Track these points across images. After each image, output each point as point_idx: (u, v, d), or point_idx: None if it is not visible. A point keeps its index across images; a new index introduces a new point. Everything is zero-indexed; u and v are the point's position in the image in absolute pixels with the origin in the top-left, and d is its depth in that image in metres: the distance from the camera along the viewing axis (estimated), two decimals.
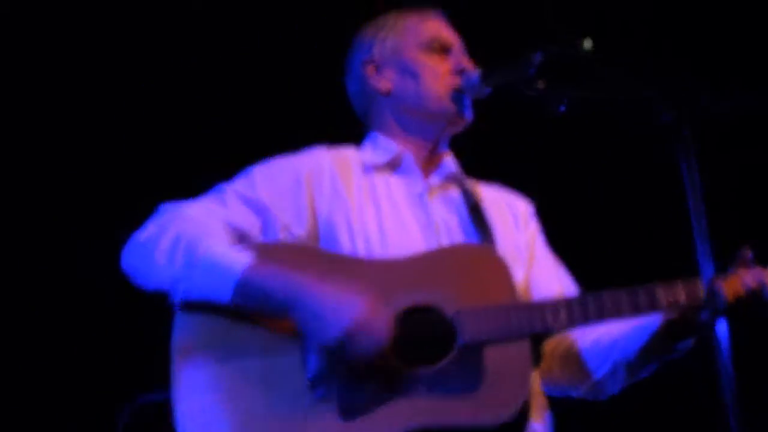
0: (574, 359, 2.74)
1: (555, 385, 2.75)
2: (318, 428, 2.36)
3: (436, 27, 2.86)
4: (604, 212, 4.36)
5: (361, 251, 2.59)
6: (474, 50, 2.87)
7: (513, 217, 2.86)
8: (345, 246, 2.59)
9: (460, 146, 2.91)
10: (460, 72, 2.76)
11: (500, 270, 2.51)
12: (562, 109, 2.47)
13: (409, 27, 2.86)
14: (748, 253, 2.50)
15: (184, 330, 2.47)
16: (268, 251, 2.50)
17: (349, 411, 2.36)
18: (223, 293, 2.41)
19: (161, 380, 2.47)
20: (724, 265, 2.48)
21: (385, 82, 2.83)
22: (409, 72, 2.80)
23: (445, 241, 2.67)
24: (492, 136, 3.57)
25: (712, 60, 4.33)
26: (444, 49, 2.82)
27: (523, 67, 2.54)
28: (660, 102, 2.34)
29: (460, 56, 2.82)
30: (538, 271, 2.81)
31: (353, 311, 2.32)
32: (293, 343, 2.41)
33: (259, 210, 2.60)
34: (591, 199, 4.37)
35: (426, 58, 2.80)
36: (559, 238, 2.93)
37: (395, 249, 2.58)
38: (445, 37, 2.84)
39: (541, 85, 2.52)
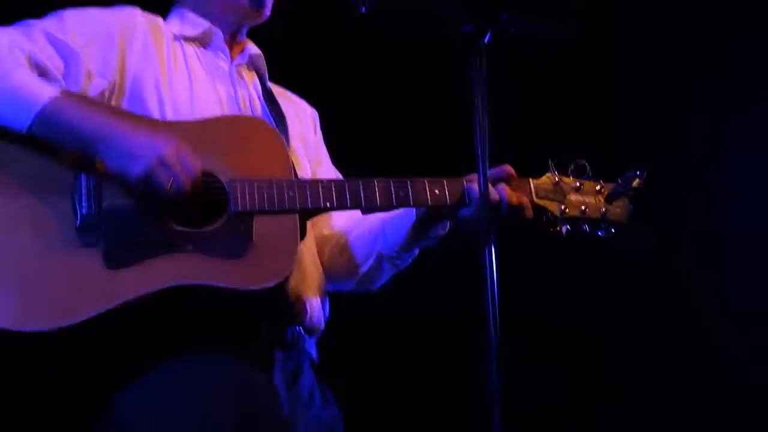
0: (345, 251, 2.82)
1: (328, 278, 2.80)
2: (81, 274, 2.30)
3: None
4: (387, 118, 4.42)
5: (169, 115, 2.56)
6: None
7: (304, 117, 2.93)
8: (152, 108, 2.55)
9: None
10: None
11: (279, 147, 2.56)
12: (363, 10, 2.44)
13: None
14: (511, 170, 2.65)
15: None
16: (73, 94, 2.45)
17: (114, 260, 2.32)
18: (22, 119, 2.33)
19: None
20: None
21: None
22: None
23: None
24: (290, 34, 3.53)
25: None
26: None
27: None
28: (461, 12, 2.37)
29: None
30: (324, 173, 2.88)
31: (166, 145, 2.34)
32: (65, 187, 2.36)
33: (65, 53, 2.51)
34: (376, 105, 4.41)
35: None
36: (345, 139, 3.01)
37: (202, 116, 2.57)
38: None
39: None
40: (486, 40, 2.34)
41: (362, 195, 2.55)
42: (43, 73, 2.46)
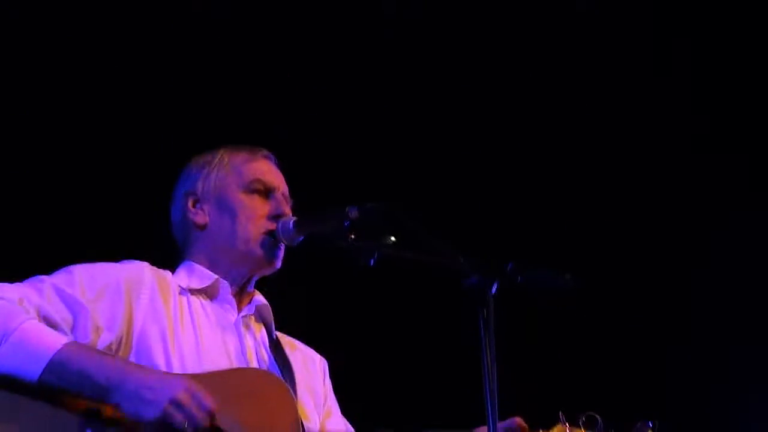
0: None
1: None
2: None
3: (262, 169, 2.88)
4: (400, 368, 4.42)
5: (176, 368, 2.57)
6: (299, 193, 2.91)
7: (313, 367, 2.93)
8: (159, 361, 2.57)
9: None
10: (277, 217, 2.78)
11: (287, 401, 2.58)
12: (372, 263, 2.50)
13: (235, 165, 2.87)
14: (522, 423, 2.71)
15: None
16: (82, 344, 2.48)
17: None
18: (33, 369, 2.36)
19: None
20: None
21: (202, 216, 2.84)
22: (227, 210, 2.81)
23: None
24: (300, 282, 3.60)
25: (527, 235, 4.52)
26: (266, 192, 2.84)
27: (337, 219, 2.58)
28: (467, 265, 2.41)
29: (280, 201, 2.83)
30: (333, 425, 2.86)
31: (177, 387, 2.37)
32: (78, 428, 2.36)
33: (74, 308, 2.54)
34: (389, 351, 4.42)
35: (246, 199, 2.81)
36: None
37: (209, 369, 2.58)
38: (268, 180, 2.86)
39: (353, 237, 2.55)
40: (493, 292, 2.37)
41: None
42: (52, 326, 2.48)
